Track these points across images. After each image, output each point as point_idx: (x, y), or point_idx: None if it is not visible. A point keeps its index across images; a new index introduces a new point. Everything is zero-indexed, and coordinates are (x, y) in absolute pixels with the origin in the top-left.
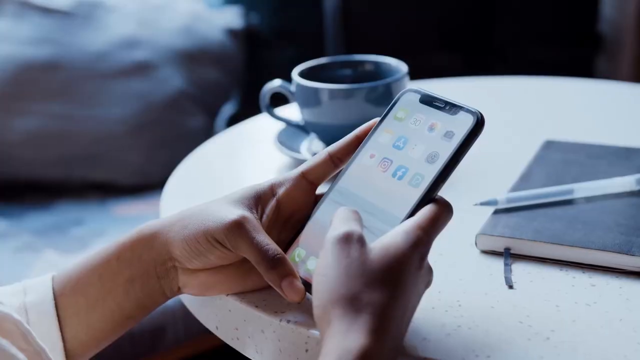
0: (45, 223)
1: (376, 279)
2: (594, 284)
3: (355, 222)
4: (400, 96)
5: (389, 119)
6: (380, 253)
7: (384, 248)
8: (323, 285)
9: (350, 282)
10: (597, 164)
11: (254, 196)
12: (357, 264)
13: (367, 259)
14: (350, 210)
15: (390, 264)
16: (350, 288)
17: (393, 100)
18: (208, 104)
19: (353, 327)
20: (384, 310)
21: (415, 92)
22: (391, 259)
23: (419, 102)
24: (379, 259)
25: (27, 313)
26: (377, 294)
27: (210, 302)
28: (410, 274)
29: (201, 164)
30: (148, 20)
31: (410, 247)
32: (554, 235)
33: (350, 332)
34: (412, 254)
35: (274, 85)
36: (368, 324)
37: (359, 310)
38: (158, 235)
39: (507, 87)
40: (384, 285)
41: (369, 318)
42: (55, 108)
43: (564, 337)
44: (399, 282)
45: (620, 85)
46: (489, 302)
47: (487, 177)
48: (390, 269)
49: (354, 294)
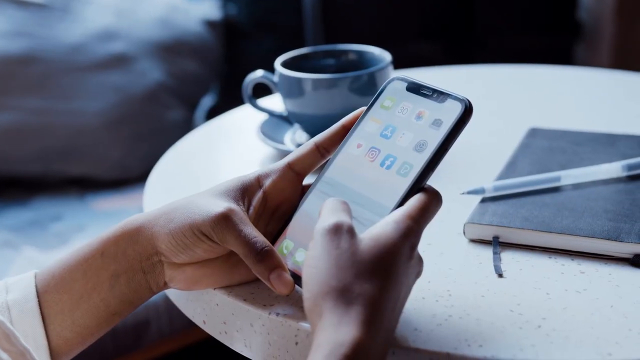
0: (24, 219)
1: (367, 270)
2: (583, 271)
3: (344, 212)
4: (387, 84)
5: (375, 107)
6: (371, 244)
7: (374, 239)
8: (313, 277)
9: (341, 273)
10: (582, 150)
11: (240, 188)
12: (347, 255)
13: (358, 250)
14: (339, 201)
15: (380, 255)
16: (341, 279)
17: (379, 89)
18: (187, 96)
19: (345, 319)
20: (375, 302)
21: (401, 80)
22: (381, 250)
23: (405, 90)
24: (369, 249)
25: (9, 311)
26: (368, 285)
27: (197, 297)
28: (401, 264)
29: (183, 156)
30: (125, 12)
31: (400, 237)
32: (542, 223)
33: (342, 324)
34: (402, 244)
35: (257, 75)
36: (360, 315)
37: (351, 302)
38: (143, 230)
39: (488, 76)
40: (374, 276)
41: (360, 309)
42: (31, 102)
43: (555, 325)
44: (389, 272)
45: (600, 72)
46: (479, 291)
47: (473, 166)
48: (380, 259)
49: (345, 286)
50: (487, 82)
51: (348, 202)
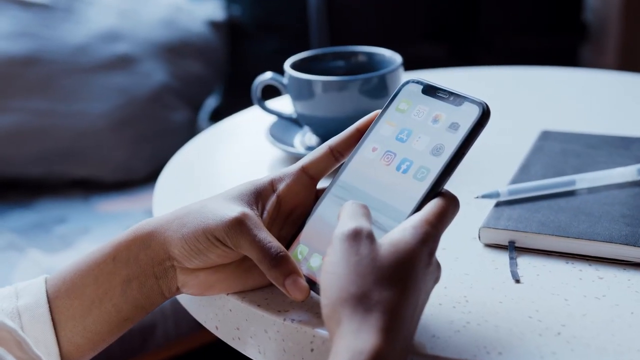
0: (28, 222)
1: (386, 277)
2: (601, 276)
3: (364, 217)
4: (402, 87)
5: (390, 110)
6: (390, 249)
7: (393, 244)
8: (332, 283)
9: (360, 280)
10: (596, 154)
11: (254, 192)
12: (367, 262)
13: (377, 256)
14: (359, 205)
15: (399, 261)
16: (360, 286)
17: (394, 92)
18: (191, 98)
19: (364, 326)
20: (394, 309)
21: (417, 83)
22: (400, 256)
23: (421, 93)
24: (388, 255)
25: (20, 317)
26: (387, 292)
27: (210, 302)
28: (419, 270)
29: (192, 159)
30: (128, 13)
31: (418, 242)
32: (558, 228)
33: (361, 332)
34: (421, 250)
35: (266, 77)
36: (379, 322)
37: (370, 309)
38: (155, 234)
39: (494, 77)
40: (393, 282)
41: (379, 316)
42: (35, 104)
43: (576, 332)
44: (408, 279)
45: (608, 74)
46: (496, 297)
47: (484, 169)
48: (400, 265)
49: (364, 292)
50: (493, 84)
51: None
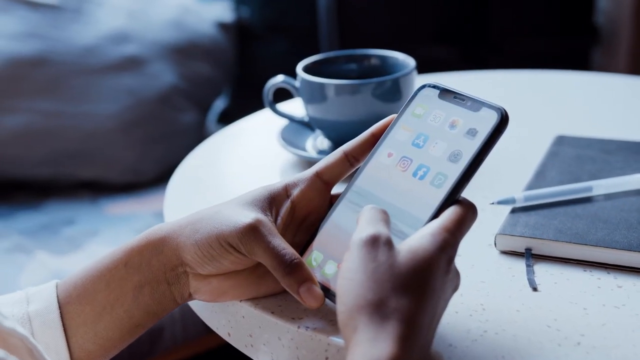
0: (36, 223)
1: (404, 284)
2: (620, 285)
3: (383, 223)
4: (418, 92)
5: (406, 115)
6: (408, 256)
7: (411, 251)
8: (349, 290)
9: (378, 287)
10: (612, 159)
11: (268, 198)
12: (385, 268)
13: (395, 263)
14: (378, 210)
15: (417, 268)
16: (378, 293)
17: (410, 96)
18: (199, 99)
19: (381, 334)
20: (412, 317)
21: (433, 88)
22: (419, 263)
23: (437, 97)
24: (406, 262)
25: (30, 323)
26: (405, 300)
27: (223, 308)
28: (438, 278)
29: (203, 162)
30: (137, 14)
31: (437, 250)
32: (576, 235)
33: (378, 340)
34: (439, 257)
35: (278, 80)
36: (396, 330)
37: (387, 317)
38: (168, 240)
39: (505, 81)
40: (411, 290)
41: (397, 325)
42: (43, 105)
43: (595, 342)
44: (426, 286)
45: (619, 78)
46: (513, 306)
47: (499, 174)
48: (418, 273)
49: (381, 300)
50: (504, 87)
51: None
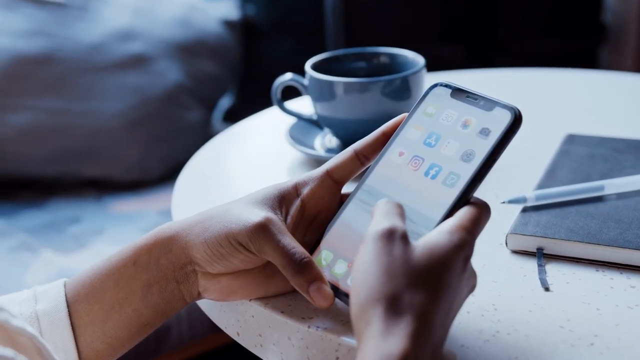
0: (41, 221)
1: (419, 280)
2: (633, 285)
3: (399, 217)
4: (429, 90)
5: (417, 114)
6: (424, 253)
7: (428, 247)
8: (362, 283)
9: (392, 281)
10: (623, 158)
11: (278, 196)
12: (400, 263)
13: (410, 258)
14: (393, 204)
15: (434, 265)
16: (392, 287)
17: (422, 95)
18: (205, 97)
19: (393, 329)
20: (425, 313)
21: (445, 86)
22: (435, 260)
23: (449, 96)
24: (422, 258)
25: (39, 322)
26: (419, 296)
27: (232, 308)
28: (454, 276)
29: (210, 160)
30: (143, 12)
31: (455, 248)
32: (588, 234)
33: (390, 335)
34: (456, 255)
35: (286, 78)
36: (409, 326)
37: (400, 312)
38: (177, 238)
39: (513, 80)
40: (426, 286)
41: (410, 320)
42: (49, 103)
43: (609, 343)
44: (442, 284)
45: (628, 76)
46: (525, 306)
47: (509, 173)
48: (433, 269)
49: (395, 294)
50: (513, 86)
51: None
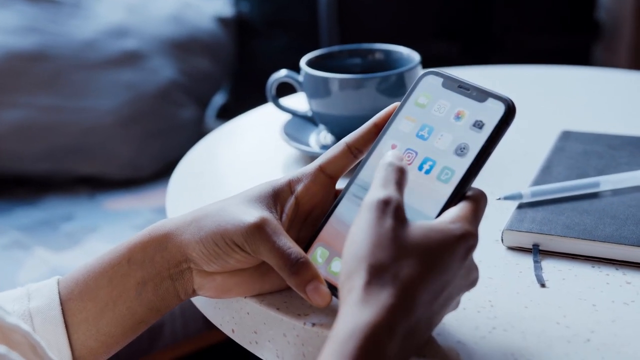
0: (34, 219)
1: (408, 255)
2: (629, 281)
3: (396, 185)
4: (420, 79)
5: (409, 104)
6: (419, 231)
7: (425, 228)
8: (350, 251)
9: (379, 251)
10: (618, 155)
11: (272, 194)
12: (390, 235)
13: (402, 232)
14: (394, 169)
15: (429, 245)
16: (378, 257)
17: (412, 84)
18: (199, 94)
19: (372, 299)
20: (409, 289)
21: (436, 76)
22: (431, 241)
23: (441, 86)
24: (416, 236)
25: (32, 319)
26: (406, 270)
27: (227, 304)
28: (451, 262)
29: (205, 157)
30: (137, 8)
31: (455, 236)
32: (584, 231)
33: (368, 304)
34: (457, 243)
35: (281, 75)
36: (389, 298)
37: (383, 283)
38: (171, 236)
39: (507, 76)
40: (416, 263)
41: (391, 292)
42: (42, 100)
43: (606, 339)
44: (435, 265)
45: (622, 73)
46: (522, 302)
47: (504, 170)
48: (428, 249)
49: (381, 264)
50: (506, 83)
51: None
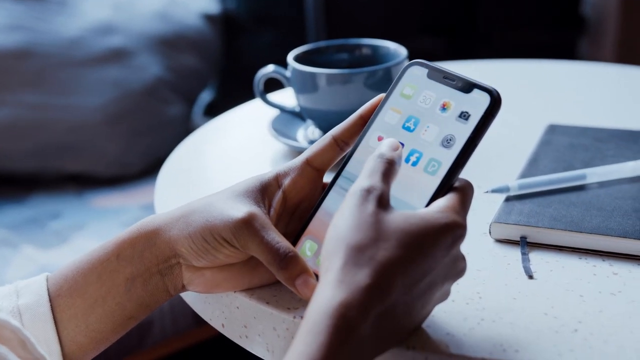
0: (21, 217)
1: (388, 237)
2: (615, 272)
3: (382, 176)
4: (405, 70)
5: (394, 96)
6: (403, 217)
7: (409, 215)
8: (331, 234)
9: (358, 234)
10: (604, 147)
11: (260, 188)
12: (371, 219)
13: (383, 217)
14: (382, 161)
15: (411, 230)
16: (357, 239)
17: (398, 75)
18: (186, 91)
19: (348, 279)
20: (387, 272)
21: (421, 66)
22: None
23: (426, 77)
24: (399, 221)
25: (21, 316)
26: (384, 253)
27: (216, 299)
28: (435, 248)
29: (192, 153)
30: (123, 5)
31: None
32: (571, 223)
33: (343, 283)
34: (444, 232)
35: (268, 70)
36: (365, 279)
37: (360, 264)
38: (160, 232)
39: (493, 71)
40: (396, 247)
41: (368, 273)
42: (28, 97)
43: (593, 329)
44: (417, 251)
45: (607, 67)
46: (510, 293)
47: (491, 163)
48: (409, 233)
49: (360, 246)
50: (493, 77)
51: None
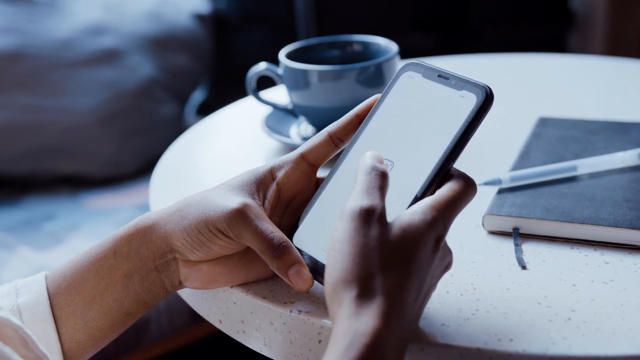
0: (16, 219)
1: (391, 261)
2: (607, 261)
3: (379, 192)
4: (401, 71)
5: (390, 96)
6: (397, 233)
7: (401, 227)
8: (336, 263)
9: (366, 262)
10: (595, 139)
11: (254, 181)
12: (375, 245)
13: (385, 240)
14: (376, 175)
15: (405, 245)
16: (365, 269)
17: (394, 76)
18: (178, 91)
19: (365, 310)
20: (397, 293)
21: (416, 66)
22: (407, 240)
23: (422, 77)
24: (396, 239)
25: (20, 315)
26: (391, 277)
27: (213, 295)
28: (424, 254)
29: (186, 152)
30: (114, 6)
31: (425, 227)
32: (563, 213)
33: (362, 315)
34: (428, 234)
35: (261, 68)
36: (381, 306)
37: (373, 293)
38: (156, 227)
39: (484, 65)
40: (398, 266)
41: (382, 300)
42: (21, 99)
43: (585, 317)
44: (412, 262)
45: (597, 59)
46: (503, 284)
47: (483, 157)
48: (405, 249)
49: (369, 275)
50: (485, 72)
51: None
